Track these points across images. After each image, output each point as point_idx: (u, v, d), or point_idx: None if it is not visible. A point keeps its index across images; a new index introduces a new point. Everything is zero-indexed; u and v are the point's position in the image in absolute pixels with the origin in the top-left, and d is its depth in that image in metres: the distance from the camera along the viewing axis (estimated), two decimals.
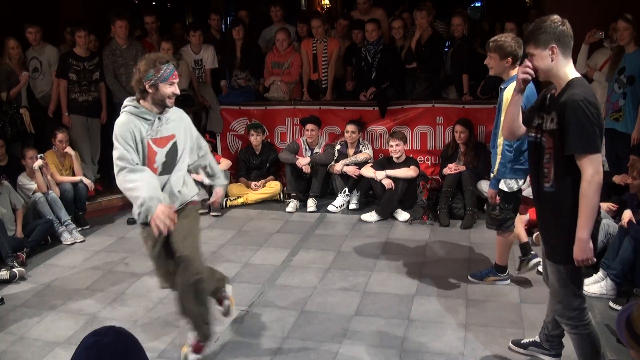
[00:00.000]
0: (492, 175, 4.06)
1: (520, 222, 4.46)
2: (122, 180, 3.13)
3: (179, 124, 3.40)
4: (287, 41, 6.86)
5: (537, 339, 3.33)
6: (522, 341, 3.42)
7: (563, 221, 2.73)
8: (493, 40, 3.95)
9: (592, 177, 2.58)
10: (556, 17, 2.70)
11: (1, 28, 6.43)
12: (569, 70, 2.71)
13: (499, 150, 3.92)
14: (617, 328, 1.81)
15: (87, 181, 6.05)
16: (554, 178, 2.71)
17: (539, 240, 4.30)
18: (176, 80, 3.25)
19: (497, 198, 4.03)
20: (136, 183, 3.10)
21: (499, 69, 3.95)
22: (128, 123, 3.19)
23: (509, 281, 4.35)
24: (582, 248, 2.64)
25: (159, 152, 3.28)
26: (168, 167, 3.35)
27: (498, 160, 3.94)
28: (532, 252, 4.50)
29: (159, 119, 3.27)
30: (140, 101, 3.25)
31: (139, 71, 3.20)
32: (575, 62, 5.56)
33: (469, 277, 4.44)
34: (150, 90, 3.19)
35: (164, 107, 3.28)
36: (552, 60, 2.68)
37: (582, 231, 2.63)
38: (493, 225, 4.20)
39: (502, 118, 3.84)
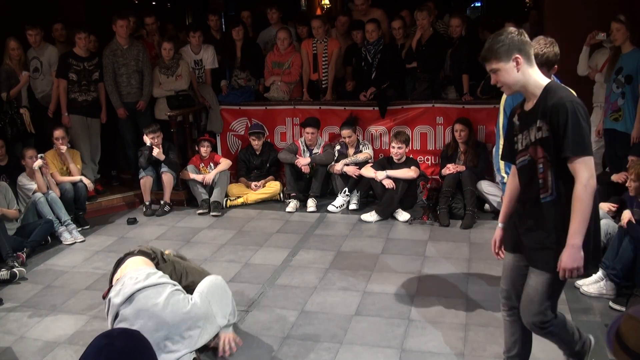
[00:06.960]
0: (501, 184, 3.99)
1: None
2: None
3: None
4: (287, 40, 6.86)
5: None
6: None
7: (567, 226, 2.54)
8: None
9: (588, 181, 2.48)
10: (512, 28, 2.64)
11: (2, 28, 6.43)
12: (538, 77, 2.63)
13: (502, 166, 3.76)
14: (607, 343, 1.80)
15: (86, 181, 6.06)
16: (554, 186, 2.58)
17: None
18: None
19: None
20: None
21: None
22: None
23: None
24: (573, 256, 2.49)
25: None
26: None
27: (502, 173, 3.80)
28: None
29: None
30: None
31: None
32: (577, 64, 5.63)
33: None
34: None
35: None
36: (518, 71, 2.59)
37: (576, 237, 2.49)
38: None
39: (501, 119, 3.84)
